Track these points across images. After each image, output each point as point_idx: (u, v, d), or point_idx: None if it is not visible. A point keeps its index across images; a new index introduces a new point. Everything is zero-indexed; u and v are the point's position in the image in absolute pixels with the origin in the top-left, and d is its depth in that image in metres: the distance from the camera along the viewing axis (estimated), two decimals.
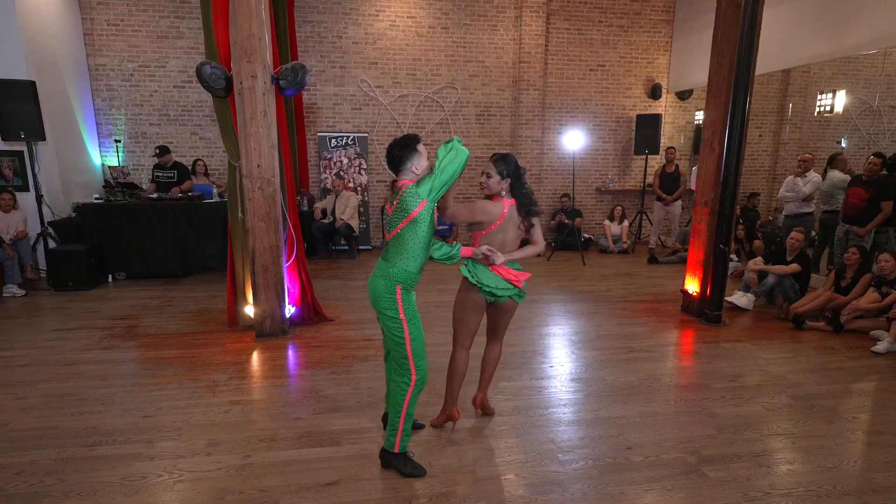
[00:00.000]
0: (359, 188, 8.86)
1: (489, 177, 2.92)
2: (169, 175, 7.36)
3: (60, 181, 6.99)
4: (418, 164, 2.70)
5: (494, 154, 2.99)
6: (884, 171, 5.79)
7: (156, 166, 7.47)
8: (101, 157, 8.11)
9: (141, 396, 3.62)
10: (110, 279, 6.70)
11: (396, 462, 2.77)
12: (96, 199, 6.85)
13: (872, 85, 8.50)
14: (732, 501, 2.56)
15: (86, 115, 7.78)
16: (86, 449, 2.97)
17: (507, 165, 2.91)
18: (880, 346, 4.53)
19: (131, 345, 4.59)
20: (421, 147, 2.73)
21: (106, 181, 7.68)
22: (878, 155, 5.83)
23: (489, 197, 2.98)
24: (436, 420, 3.23)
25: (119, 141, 7.91)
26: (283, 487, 2.64)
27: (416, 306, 2.74)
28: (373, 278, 2.73)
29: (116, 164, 7.80)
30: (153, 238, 6.60)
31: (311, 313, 5.20)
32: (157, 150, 7.28)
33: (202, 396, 3.63)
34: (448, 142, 2.67)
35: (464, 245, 2.88)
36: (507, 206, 2.91)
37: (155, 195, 6.94)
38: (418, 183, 2.62)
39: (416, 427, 3.19)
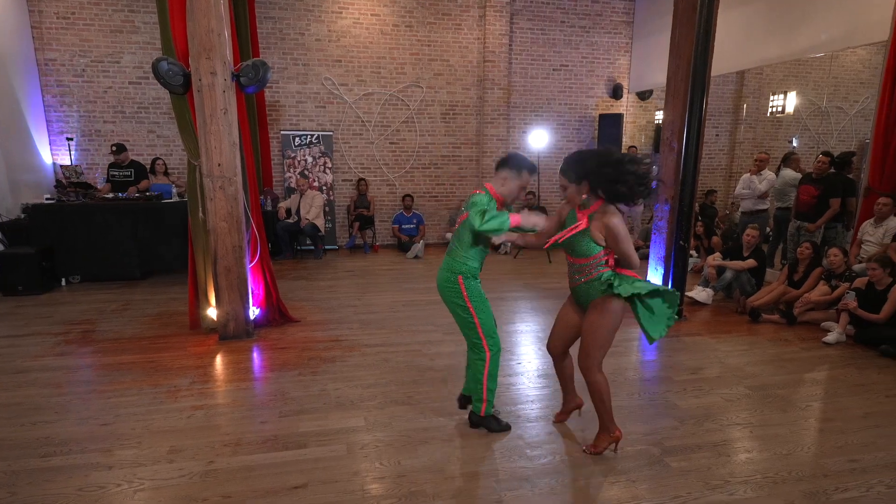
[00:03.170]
0: (324, 187, 8.75)
1: (565, 189, 2.74)
2: (125, 174, 7.13)
3: (8, 181, 6.69)
4: (508, 178, 2.88)
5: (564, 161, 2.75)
6: (832, 170, 6.06)
7: (111, 165, 7.22)
8: (51, 155, 7.79)
9: (98, 404, 3.49)
10: (63, 283, 6.43)
11: (485, 422, 3.15)
12: (47, 199, 6.57)
13: (821, 87, 8.87)
14: (694, 490, 2.64)
15: (34, 112, 7.46)
16: (39, 460, 2.84)
17: (577, 167, 2.66)
18: (830, 337, 4.73)
19: (87, 350, 4.42)
20: (525, 175, 2.89)
21: (58, 181, 7.37)
22: (826, 154, 6.09)
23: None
24: (595, 447, 2.93)
25: (71, 139, 7.59)
26: (249, 492, 2.59)
27: (482, 292, 2.97)
28: (439, 272, 3.01)
29: (69, 163, 7.50)
30: (109, 239, 6.37)
31: (276, 315, 5.12)
32: (115, 148, 7.04)
33: (163, 402, 3.52)
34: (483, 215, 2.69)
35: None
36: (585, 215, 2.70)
37: (111, 195, 6.71)
38: (479, 200, 2.74)
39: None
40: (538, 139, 9.12)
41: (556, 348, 3.07)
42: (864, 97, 8.49)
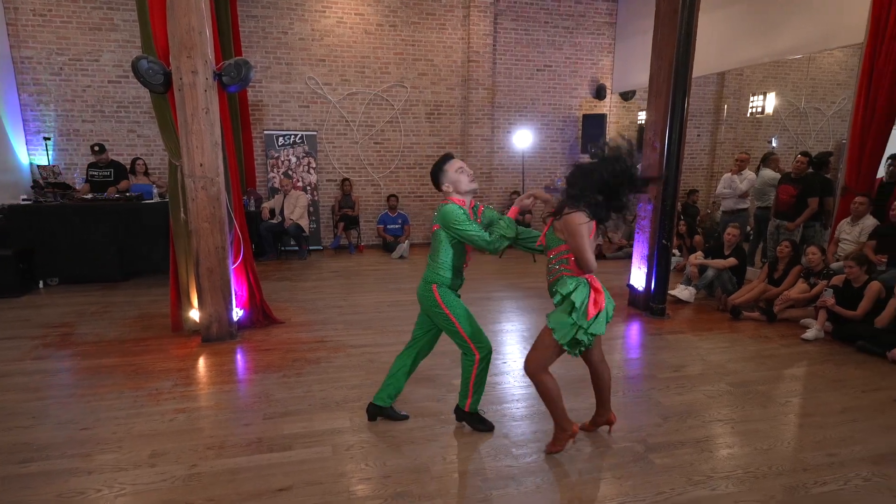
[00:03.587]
0: (308, 187, 8.70)
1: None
2: (105, 174, 7.02)
3: None
4: (447, 181, 2.88)
5: None
6: (810, 170, 6.16)
7: (90, 165, 7.11)
8: (28, 155, 7.64)
9: (77, 408, 3.43)
10: (41, 285, 6.31)
11: (469, 419, 3.18)
12: (24, 200, 6.44)
13: (799, 88, 9.02)
14: (678, 486, 2.67)
15: (10, 111, 7.30)
16: (16, 466, 2.79)
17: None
18: (809, 334, 4.82)
19: (66, 354, 4.34)
20: (449, 165, 2.88)
21: (35, 181, 7.23)
22: (804, 154, 6.20)
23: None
24: (555, 445, 2.93)
25: (49, 139, 7.46)
26: (234, 496, 2.56)
27: (457, 298, 2.98)
28: (420, 283, 3.01)
29: (46, 164, 7.36)
30: (89, 241, 6.27)
31: (260, 316, 5.07)
32: (97, 148, 6.94)
33: (144, 405, 3.47)
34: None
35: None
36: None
37: (90, 195, 6.60)
38: (454, 214, 2.79)
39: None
40: (522, 139, 9.16)
41: (585, 355, 2.91)
42: (840, 98, 8.66)
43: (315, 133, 8.66)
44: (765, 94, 8.71)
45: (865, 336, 4.53)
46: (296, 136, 8.55)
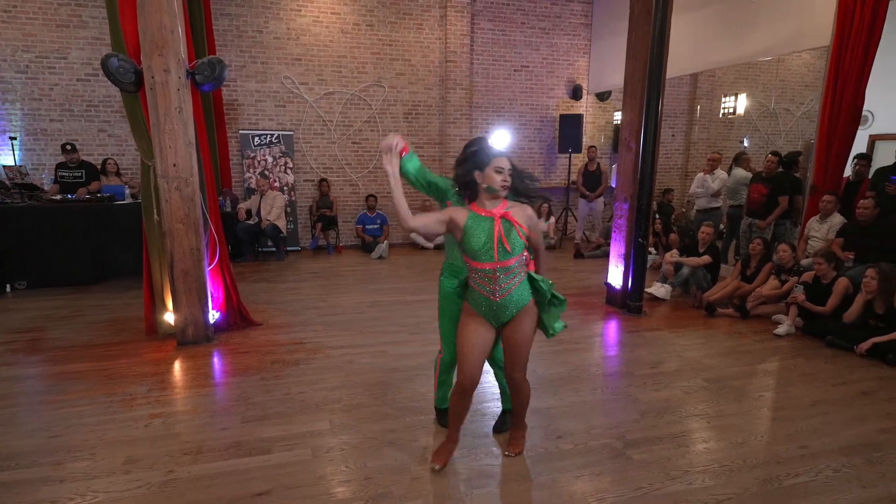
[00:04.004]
0: (285, 188, 8.61)
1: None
2: (76, 175, 6.85)
3: None
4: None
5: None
6: (780, 169, 6.31)
7: (59, 165, 6.92)
8: None
9: (47, 415, 3.33)
10: (9, 289, 6.13)
11: (436, 412, 3.26)
12: None
13: (769, 89, 9.24)
14: (656, 481, 2.71)
15: None
16: None
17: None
18: (781, 330, 4.93)
19: (35, 359, 4.22)
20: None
21: (1, 182, 7.02)
22: (774, 153, 6.35)
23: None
24: (518, 446, 2.94)
25: (15, 138, 7.23)
26: (211, 501, 2.52)
27: (453, 298, 2.80)
28: None
29: (13, 164, 7.15)
30: (58, 243, 6.11)
31: (237, 318, 5.00)
32: (69, 147, 6.76)
33: (118, 411, 3.39)
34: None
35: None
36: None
37: (59, 196, 6.43)
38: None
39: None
40: (500, 139, 9.20)
41: (478, 376, 2.61)
42: (808, 99, 8.90)
43: (292, 133, 8.57)
44: (736, 96, 8.91)
45: (834, 331, 4.65)
46: (272, 135, 8.45)
